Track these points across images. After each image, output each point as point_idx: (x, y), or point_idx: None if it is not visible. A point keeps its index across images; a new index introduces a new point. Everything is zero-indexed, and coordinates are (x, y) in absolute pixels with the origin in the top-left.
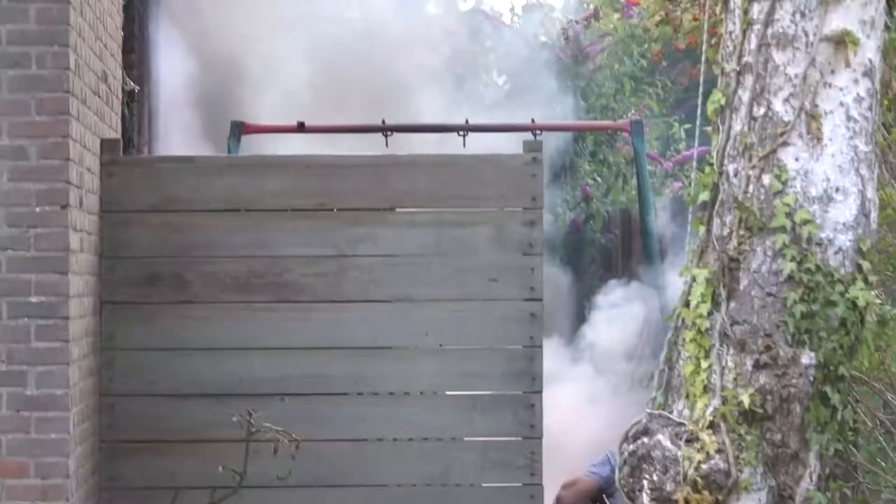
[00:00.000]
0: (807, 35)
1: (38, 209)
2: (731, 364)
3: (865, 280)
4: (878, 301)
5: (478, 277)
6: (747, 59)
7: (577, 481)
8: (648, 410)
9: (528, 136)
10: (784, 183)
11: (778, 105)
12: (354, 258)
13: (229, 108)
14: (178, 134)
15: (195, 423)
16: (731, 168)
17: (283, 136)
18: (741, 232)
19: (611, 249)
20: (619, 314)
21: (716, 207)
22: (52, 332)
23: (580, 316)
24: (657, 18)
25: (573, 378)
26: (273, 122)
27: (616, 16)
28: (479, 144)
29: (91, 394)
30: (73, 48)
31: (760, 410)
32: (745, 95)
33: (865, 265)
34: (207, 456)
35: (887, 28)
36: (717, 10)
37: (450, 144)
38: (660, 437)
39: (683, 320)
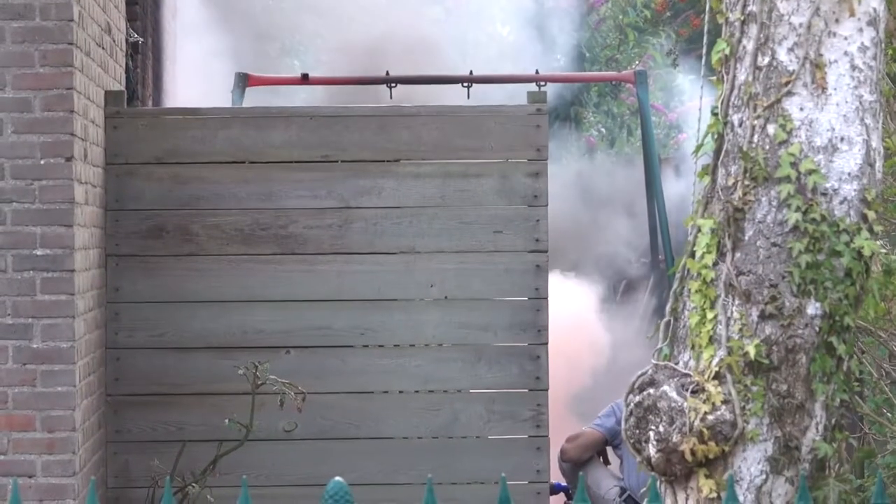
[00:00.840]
0: None
1: (42, 161)
2: (736, 315)
3: (871, 230)
4: (883, 251)
5: (483, 229)
6: (751, 8)
7: (581, 434)
8: (654, 361)
9: (533, 87)
10: (789, 133)
11: (782, 54)
12: (359, 210)
13: (235, 59)
14: (182, 86)
15: (201, 376)
16: (735, 118)
17: (288, 87)
18: (746, 182)
19: None
20: None
21: (720, 157)
22: (58, 285)
23: None
24: None
25: None
26: (277, 74)
27: None
28: (483, 96)
29: (97, 347)
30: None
31: (766, 361)
32: (749, 45)
33: (871, 215)
34: (213, 409)
35: None
36: None
37: (454, 96)
38: (665, 388)
39: (688, 271)
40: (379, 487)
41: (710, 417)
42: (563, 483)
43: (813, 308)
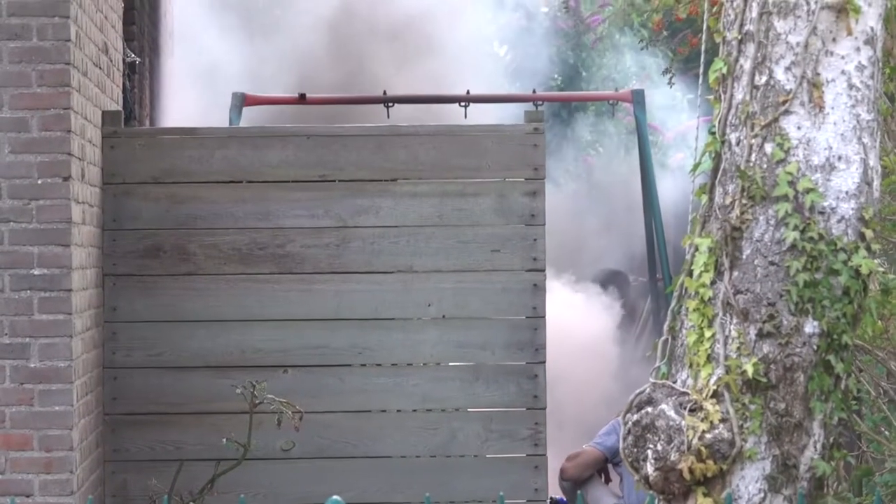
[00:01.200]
0: (808, 3)
1: (39, 181)
2: (734, 333)
3: (868, 248)
4: (881, 269)
5: (480, 248)
6: (749, 27)
7: (581, 453)
8: (652, 380)
9: (530, 106)
10: (786, 152)
11: (780, 73)
12: (356, 229)
13: (232, 79)
14: (179, 105)
15: (198, 396)
16: (733, 137)
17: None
18: (744, 201)
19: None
20: None
21: (718, 176)
22: (55, 305)
23: None
24: None
25: None
26: (275, 94)
27: None
28: (481, 115)
29: (94, 366)
30: (73, 19)
31: (764, 380)
32: (746, 64)
33: (868, 233)
34: (211, 428)
35: None
36: None
37: (451, 115)
38: (664, 406)
39: (686, 289)
40: None
41: (708, 436)
42: (563, 498)
43: (811, 327)
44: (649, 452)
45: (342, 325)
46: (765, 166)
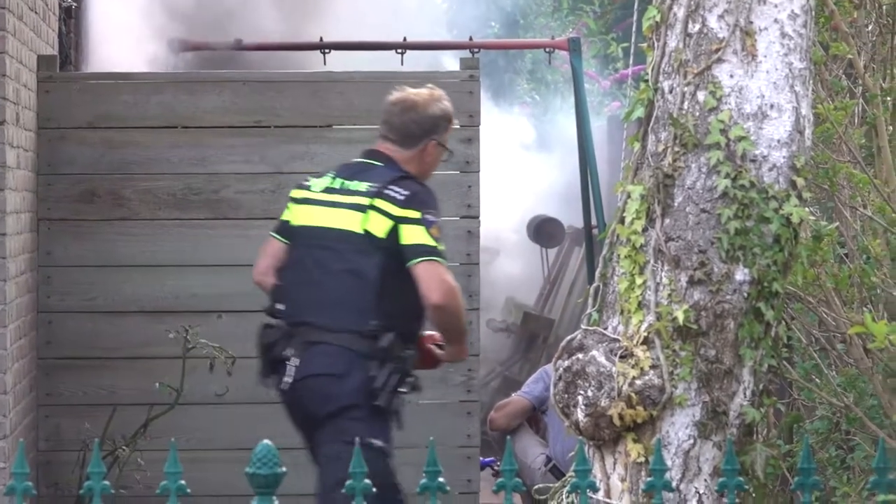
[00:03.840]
0: None
1: None
2: (665, 280)
3: (800, 196)
4: (812, 218)
5: None
6: None
7: (509, 402)
8: (583, 326)
9: (466, 53)
10: (719, 100)
11: (713, 21)
12: (291, 175)
13: (169, 25)
14: (115, 51)
15: (132, 340)
16: (666, 85)
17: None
18: (676, 148)
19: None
20: None
21: (651, 124)
22: None
23: None
24: None
25: None
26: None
27: None
28: (417, 62)
29: (28, 310)
30: None
31: (694, 326)
32: (680, 12)
33: (800, 182)
34: (145, 373)
35: None
36: None
37: (387, 62)
38: (594, 353)
39: (618, 236)
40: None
41: (639, 382)
42: (489, 458)
43: (741, 274)
44: (580, 398)
45: None
46: (697, 114)
